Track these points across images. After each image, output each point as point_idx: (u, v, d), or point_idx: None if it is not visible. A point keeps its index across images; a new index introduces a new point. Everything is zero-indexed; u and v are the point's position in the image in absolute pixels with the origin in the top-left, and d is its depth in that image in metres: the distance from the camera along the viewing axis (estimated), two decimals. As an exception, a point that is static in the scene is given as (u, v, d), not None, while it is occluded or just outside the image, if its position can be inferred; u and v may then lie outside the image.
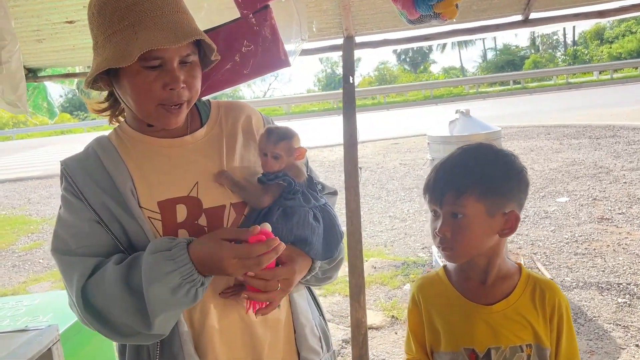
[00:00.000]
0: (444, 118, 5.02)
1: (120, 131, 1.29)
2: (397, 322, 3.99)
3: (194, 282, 1.08)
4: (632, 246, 4.96)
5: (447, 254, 1.28)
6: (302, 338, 1.32)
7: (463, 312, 1.31)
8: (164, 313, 1.08)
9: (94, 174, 1.20)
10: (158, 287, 1.06)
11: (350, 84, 2.90)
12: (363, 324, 2.32)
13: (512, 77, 29.71)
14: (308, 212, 1.24)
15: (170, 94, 1.13)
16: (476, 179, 1.23)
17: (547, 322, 1.28)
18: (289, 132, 1.26)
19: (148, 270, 1.07)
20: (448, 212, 1.25)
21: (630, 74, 27.83)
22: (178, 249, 1.08)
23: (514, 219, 1.27)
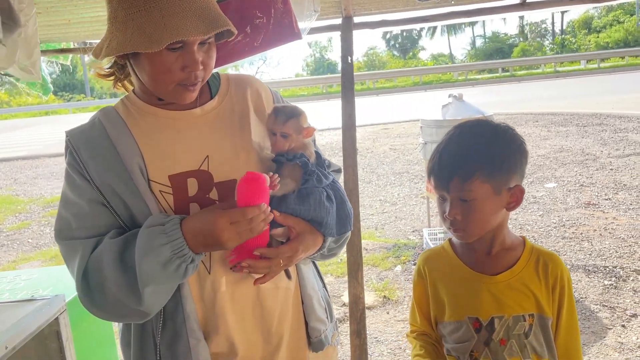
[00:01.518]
0: (434, 104, 5.05)
1: (128, 102, 1.28)
2: (389, 302, 4.04)
3: (184, 258, 1.08)
4: (618, 231, 5.06)
5: (459, 234, 1.31)
6: (310, 308, 1.35)
7: (468, 282, 1.35)
8: (152, 286, 1.09)
9: (99, 147, 1.19)
10: (149, 260, 1.07)
11: (349, 64, 2.90)
12: (361, 300, 2.35)
13: (501, 65, 29.81)
14: (322, 193, 1.25)
15: (188, 74, 1.13)
16: (481, 161, 1.25)
17: (550, 292, 1.32)
18: (297, 110, 1.26)
19: (141, 244, 1.08)
20: (456, 197, 1.27)
21: (617, 64, 28.06)
22: (171, 224, 1.09)
23: (519, 192, 1.30)
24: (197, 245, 1.10)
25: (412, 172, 8.33)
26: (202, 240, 1.09)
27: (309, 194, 1.23)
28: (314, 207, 1.23)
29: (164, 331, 1.21)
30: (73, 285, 1.17)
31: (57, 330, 1.57)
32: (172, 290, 1.16)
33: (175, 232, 1.08)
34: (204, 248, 1.12)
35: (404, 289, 4.27)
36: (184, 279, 1.14)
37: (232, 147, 1.25)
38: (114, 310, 1.15)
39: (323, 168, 1.29)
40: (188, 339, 1.19)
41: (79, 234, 1.17)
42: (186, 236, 1.09)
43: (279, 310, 1.29)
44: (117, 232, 1.17)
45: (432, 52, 58.31)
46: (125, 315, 1.16)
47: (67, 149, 1.22)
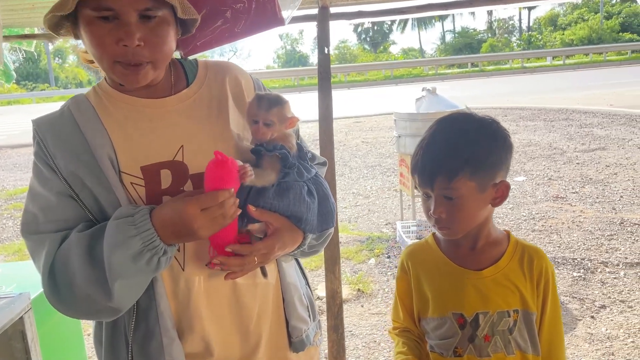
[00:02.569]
0: (405, 98, 5.06)
1: (99, 89, 1.21)
2: (363, 296, 4.03)
3: (155, 250, 1.03)
4: (586, 223, 5.16)
5: (444, 232, 1.29)
6: (291, 307, 1.30)
7: (452, 277, 1.33)
8: (123, 280, 1.04)
9: (68, 136, 1.12)
10: (118, 253, 1.02)
11: (326, 55, 2.85)
12: (338, 294, 2.32)
13: (471, 60, 30.19)
14: (303, 187, 1.20)
15: (124, 50, 1.05)
16: (465, 159, 1.22)
17: (534, 287, 1.31)
18: (281, 99, 1.20)
19: (110, 236, 1.03)
20: (440, 195, 1.24)
21: (581, 60, 28.74)
22: (140, 215, 1.04)
23: (504, 188, 1.27)
24: (169, 236, 1.04)
25: (385, 165, 8.35)
26: (173, 230, 1.04)
27: (289, 188, 1.18)
28: (293, 202, 1.18)
29: (137, 329, 1.15)
30: (39, 281, 1.11)
31: (21, 330, 1.49)
32: (144, 285, 1.11)
33: (144, 223, 1.03)
34: (176, 238, 1.06)
35: (378, 282, 4.27)
36: (156, 273, 1.09)
37: (209, 137, 1.20)
38: (83, 307, 1.09)
39: (305, 161, 1.24)
40: (161, 338, 1.14)
41: (46, 227, 1.11)
42: (156, 227, 1.03)
43: (257, 308, 1.24)
44: (85, 226, 1.11)
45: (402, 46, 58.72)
46: (95, 312, 1.10)
47: (35, 139, 1.15)
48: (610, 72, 22.56)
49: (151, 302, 1.14)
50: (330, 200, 1.28)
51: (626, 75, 19.73)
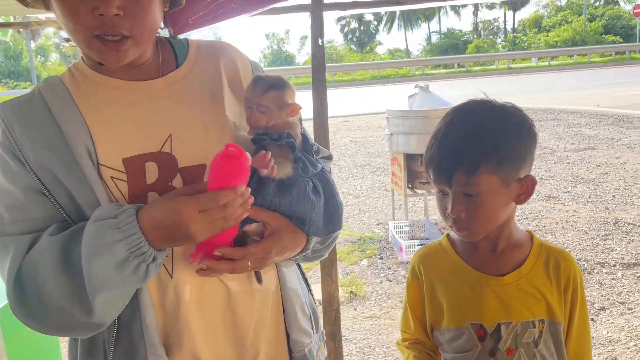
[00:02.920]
0: (393, 97, 4.96)
1: (75, 70, 1.06)
2: (356, 298, 3.90)
3: (143, 257, 0.89)
4: (580, 223, 5.09)
5: (463, 234, 1.15)
6: (292, 317, 1.15)
7: (471, 283, 1.19)
8: (105, 292, 0.89)
9: (38, 123, 0.98)
10: (100, 261, 0.87)
11: (320, 46, 2.71)
12: (335, 299, 2.18)
13: (457, 60, 30.26)
14: (307, 183, 1.06)
15: (100, 21, 0.91)
16: (487, 150, 1.09)
17: (562, 294, 1.18)
18: (280, 82, 1.05)
19: (89, 241, 0.88)
20: (459, 192, 1.11)
21: (566, 62, 28.96)
22: (125, 216, 0.89)
23: (529, 183, 1.15)
24: (159, 240, 0.90)
25: (374, 165, 8.23)
26: (166, 233, 0.89)
27: (292, 184, 1.04)
28: (296, 200, 1.03)
29: (118, 345, 0.99)
30: (3, 291, 0.95)
31: (-13, 344, 1.33)
32: (129, 297, 0.96)
33: (130, 225, 0.88)
34: (167, 243, 0.91)
35: (371, 284, 4.13)
36: (143, 282, 0.94)
37: (202, 126, 1.05)
38: (56, 322, 0.94)
39: (310, 154, 1.09)
40: (147, 354, 0.99)
41: (12, 229, 0.96)
42: (145, 229, 0.89)
43: (255, 320, 1.10)
44: (59, 227, 0.96)
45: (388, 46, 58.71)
46: (70, 328, 0.95)
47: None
48: (594, 73, 22.73)
49: (135, 313, 0.99)
50: (337, 199, 1.14)
51: (610, 76, 19.88)
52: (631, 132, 9.30)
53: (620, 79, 18.54)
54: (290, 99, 1.05)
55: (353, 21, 56.20)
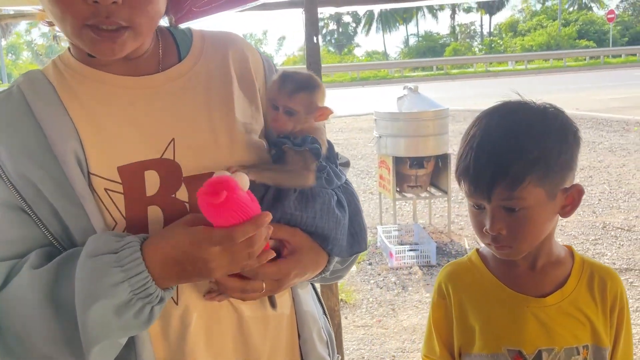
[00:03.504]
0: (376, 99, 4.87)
1: (60, 63, 0.91)
2: (346, 306, 3.77)
3: (149, 298, 0.76)
4: (569, 228, 5.05)
5: (504, 252, 1.03)
6: (310, 345, 1.02)
7: (507, 305, 1.07)
8: (102, 342, 0.76)
9: (17, 125, 0.84)
10: (98, 306, 0.74)
11: (315, 43, 2.59)
12: (336, 313, 2.06)
13: (437, 62, 30.47)
14: (332, 196, 0.94)
15: (95, 9, 0.77)
16: (533, 160, 0.97)
17: (607, 317, 1.07)
18: (312, 81, 0.93)
19: (83, 281, 0.75)
20: (500, 206, 0.98)
21: (542, 65, 29.35)
22: (129, 251, 0.76)
23: (576, 193, 1.04)
24: (167, 279, 0.78)
25: (358, 167, 8.11)
26: (176, 271, 0.77)
27: (315, 196, 0.91)
28: (319, 214, 0.91)
29: None
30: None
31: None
32: (124, 341, 0.81)
33: (135, 263, 0.75)
34: (176, 280, 0.79)
35: (361, 291, 4.01)
36: (146, 327, 0.79)
37: (209, 128, 0.92)
38: None
39: (335, 164, 0.97)
40: None
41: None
42: (151, 267, 0.76)
43: (268, 349, 0.97)
44: (41, 255, 0.82)
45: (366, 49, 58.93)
46: None
47: None
48: (570, 77, 23.05)
49: (130, 352, 0.84)
50: (362, 216, 1.01)
51: (585, 80, 20.16)
52: (611, 135, 9.38)
53: (596, 82, 18.83)
54: (321, 102, 0.93)
55: (331, 23, 56.24)
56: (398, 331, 3.42)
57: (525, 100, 1.08)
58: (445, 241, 4.91)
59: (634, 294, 3.71)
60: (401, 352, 3.19)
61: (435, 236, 5.00)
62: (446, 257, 4.52)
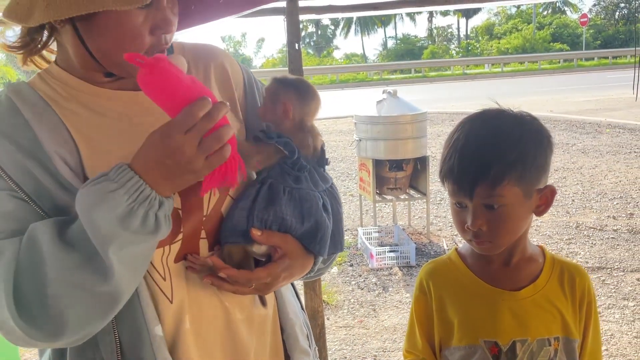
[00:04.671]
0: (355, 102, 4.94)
1: (50, 78, 0.94)
2: (328, 307, 3.82)
3: (148, 202, 0.79)
4: (543, 228, 5.18)
5: (484, 247, 1.10)
6: (293, 339, 1.08)
7: (484, 299, 1.14)
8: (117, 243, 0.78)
9: (11, 130, 0.86)
10: (100, 211, 0.76)
11: (297, 50, 2.65)
12: (320, 314, 2.11)
13: (414, 65, 30.75)
14: (319, 199, 0.99)
15: (159, 39, 0.87)
16: (512, 161, 1.05)
17: (577, 310, 1.15)
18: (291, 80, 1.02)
19: (82, 202, 0.78)
20: (481, 204, 1.06)
21: (517, 68, 29.84)
22: (116, 169, 0.79)
23: (549, 193, 1.12)
24: (159, 181, 0.80)
25: (339, 170, 8.18)
26: (162, 170, 0.79)
27: (303, 197, 0.97)
28: (308, 213, 0.97)
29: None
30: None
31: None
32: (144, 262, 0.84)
33: (124, 173, 0.78)
34: (169, 182, 0.81)
35: (343, 292, 4.07)
36: (157, 236, 0.82)
37: None
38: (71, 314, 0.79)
39: (323, 168, 1.03)
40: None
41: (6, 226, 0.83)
42: (141, 174, 0.79)
43: (254, 346, 1.02)
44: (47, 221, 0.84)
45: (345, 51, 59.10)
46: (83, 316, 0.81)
47: None
48: (544, 79, 23.50)
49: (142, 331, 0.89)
50: (342, 219, 1.07)
51: (559, 83, 20.57)
52: (584, 137, 9.62)
53: (570, 85, 19.23)
54: (286, 98, 0.99)
55: (310, 25, 56.36)
56: (379, 331, 3.49)
57: (503, 108, 1.16)
58: (425, 242, 5.00)
59: (605, 291, 3.84)
60: (382, 351, 3.25)
61: (415, 237, 5.09)
62: (425, 258, 4.60)
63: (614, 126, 10.39)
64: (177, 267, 0.94)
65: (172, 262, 0.93)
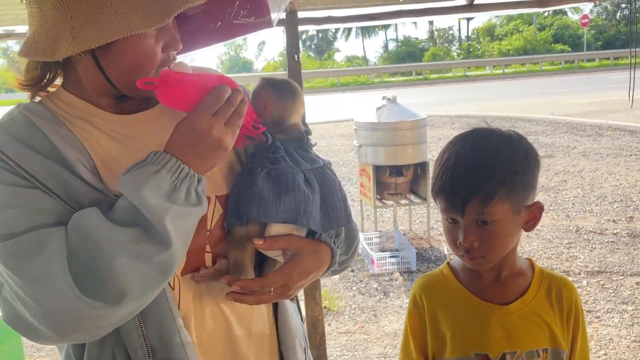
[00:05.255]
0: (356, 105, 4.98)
1: (58, 101, 0.98)
2: (330, 313, 3.87)
3: (189, 178, 0.86)
4: (543, 232, 5.21)
5: (477, 262, 1.14)
6: (291, 352, 1.12)
7: (475, 313, 1.18)
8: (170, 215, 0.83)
9: (32, 141, 0.89)
10: (147, 190, 0.82)
11: (296, 61, 2.70)
12: (320, 322, 2.15)
13: (415, 68, 30.80)
14: (297, 174, 1.02)
15: (168, 56, 0.93)
16: (502, 179, 1.09)
17: (564, 322, 1.19)
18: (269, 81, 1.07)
19: (130, 182, 0.83)
20: (473, 220, 1.10)
21: (519, 70, 29.87)
22: (152, 155, 0.86)
23: (537, 209, 1.16)
24: (194, 162, 0.88)
25: (340, 174, 8.17)
26: (196, 152, 0.87)
27: (280, 175, 1.00)
28: (284, 188, 0.99)
29: None
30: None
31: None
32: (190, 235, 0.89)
33: (162, 156, 0.86)
34: (203, 162, 0.89)
35: (344, 298, 4.11)
36: (201, 207, 0.88)
37: None
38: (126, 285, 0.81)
39: (306, 151, 1.06)
40: None
41: (38, 220, 0.85)
42: (178, 156, 0.86)
43: (254, 356, 1.07)
44: None
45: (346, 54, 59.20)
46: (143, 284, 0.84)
47: None
48: (545, 81, 23.53)
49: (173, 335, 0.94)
50: (336, 196, 1.07)
51: (561, 85, 20.61)
52: (585, 139, 9.65)
53: (571, 87, 19.25)
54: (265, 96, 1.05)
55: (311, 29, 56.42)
56: (380, 337, 3.53)
57: (492, 128, 1.20)
58: (425, 247, 5.04)
59: (605, 295, 3.87)
60: (383, 357, 3.29)
61: (416, 242, 5.13)
62: (426, 263, 4.64)
63: (614, 128, 10.42)
64: (184, 279, 0.99)
65: (180, 274, 0.98)
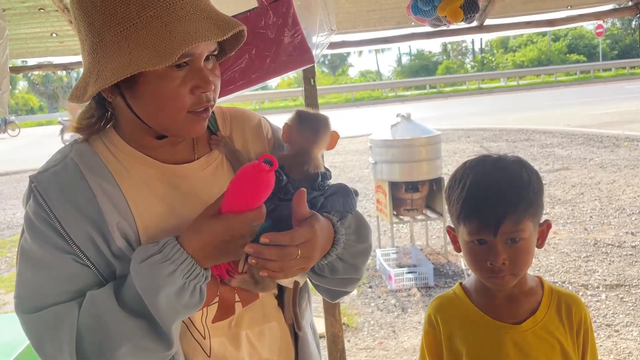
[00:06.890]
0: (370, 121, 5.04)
1: (110, 144, 1.03)
2: (348, 330, 3.91)
3: (197, 279, 0.92)
4: (561, 245, 5.21)
5: (504, 281, 1.19)
6: None
7: (489, 332, 1.24)
8: (175, 321, 0.93)
9: (77, 197, 0.96)
10: (163, 294, 0.89)
11: (312, 85, 2.79)
12: (340, 339, 2.21)
13: (429, 82, 30.84)
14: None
15: (199, 97, 0.95)
16: (530, 199, 1.18)
17: (574, 338, 1.24)
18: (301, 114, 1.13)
19: (145, 280, 0.89)
20: (505, 239, 1.17)
21: (534, 81, 29.77)
22: (169, 247, 0.91)
23: (546, 228, 1.26)
24: (207, 260, 0.93)
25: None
26: (216, 253, 0.93)
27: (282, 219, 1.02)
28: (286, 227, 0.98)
29: None
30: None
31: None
32: None
33: (179, 254, 0.91)
34: (214, 260, 0.95)
35: (362, 314, 4.15)
36: (199, 305, 0.95)
37: None
38: None
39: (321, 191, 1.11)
40: None
41: (58, 298, 0.94)
42: (192, 254, 0.92)
43: None
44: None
45: (360, 69, 59.55)
46: None
47: (32, 195, 0.97)
48: (561, 92, 23.40)
49: None
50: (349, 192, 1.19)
51: (576, 95, 20.50)
52: (602, 151, 9.59)
53: (587, 97, 19.14)
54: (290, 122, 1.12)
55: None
56: (399, 352, 3.56)
57: (498, 154, 1.27)
58: (443, 262, 5.07)
59: (624, 309, 3.86)
60: (402, 372, 3.32)
61: (433, 257, 5.16)
62: (444, 278, 4.67)
63: (632, 139, 10.35)
64: (214, 327, 1.05)
65: (210, 322, 1.05)
